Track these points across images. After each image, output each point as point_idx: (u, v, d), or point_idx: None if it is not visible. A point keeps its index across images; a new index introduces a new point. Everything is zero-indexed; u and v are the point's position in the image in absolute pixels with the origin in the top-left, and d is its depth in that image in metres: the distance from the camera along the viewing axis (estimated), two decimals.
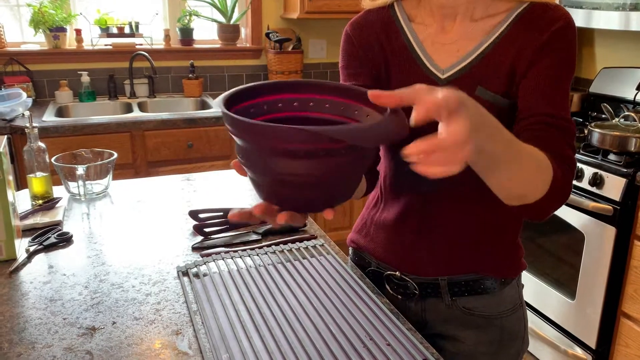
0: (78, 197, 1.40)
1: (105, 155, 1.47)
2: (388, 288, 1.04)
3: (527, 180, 0.73)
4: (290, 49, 3.13)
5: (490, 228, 0.98)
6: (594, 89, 2.56)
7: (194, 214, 1.24)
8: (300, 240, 1.16)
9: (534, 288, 2.24)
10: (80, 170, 1.36)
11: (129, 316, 0.89)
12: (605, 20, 2.18)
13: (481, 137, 0.59)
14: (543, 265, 2.22)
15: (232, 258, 1.07)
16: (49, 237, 1.16)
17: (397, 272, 1.02)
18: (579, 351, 2.06)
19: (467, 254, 0.98)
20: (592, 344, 2.01)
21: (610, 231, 1.89)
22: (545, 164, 0.75)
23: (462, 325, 1.01)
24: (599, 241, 1.94)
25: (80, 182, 1.38)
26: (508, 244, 1.01)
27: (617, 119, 2.08)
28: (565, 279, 2.12)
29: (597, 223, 1.93)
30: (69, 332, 0.84)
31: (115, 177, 1.49)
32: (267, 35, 3.11)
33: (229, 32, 3.18)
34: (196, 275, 1.01)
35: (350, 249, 1.15)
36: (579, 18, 2.25)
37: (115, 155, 1.45)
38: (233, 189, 1.48)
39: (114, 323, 0.87)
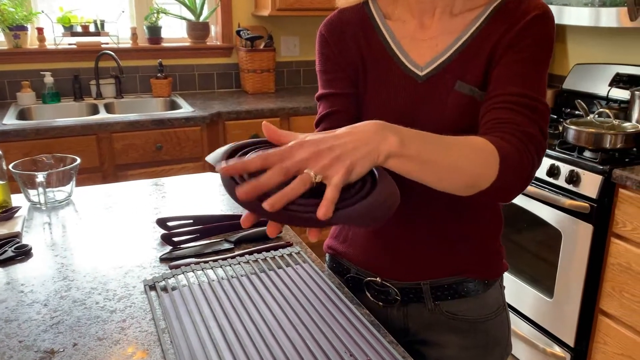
0: (39, 206, 1.33)
1: (67, 161, 1.39)
2: (368, 295, 1.00)
3: (463, 169, 0.70)
4: (262, 47, 3.07)
5: (472, 230, 0.96)
6: (567, 85, 2.56)
7: (162, 222, 1.18)
8: (275, 248, 1.10)
9: (511, 286, 2.23)
10: (40, 177, 1.29)
11: (91, 336, 0.82)
12: (575, 16, 2.18)
13: (391, 143, 0.62)
14: (520, 263, 2.21)
15: (202, 269, 1.01)
16: (6, 250, 1.08)
17: (377, 278, 0.98)
18: (557, 349, 2.06)
19: (449, 256, 0.95)
20: (571, 342, 2.01)
21: (587, 228, 1.88)
22: (483, 147, 0.72)
23: (445, 331, 0.98)
24: (575, 239, 1.93)
25: (41, 190, 1.30)
26: (490, 245, 0.99)
27: (591, 116, 2.08)
28: (542, 277, 2.11)
29: (574, 220, 1.92)
30: (25, 356, 0.78)
31: (82, 182, 1.42)
32: (238, 33, 3.04)
33: (198, 30, 3.10)
34: (164, 289, 0.94)
35: (327, 255, 1.10)
36: None
37: (79, 161, 1.38)
38: (204, 194, 1.42)
39: (74, 345, 0.80)
